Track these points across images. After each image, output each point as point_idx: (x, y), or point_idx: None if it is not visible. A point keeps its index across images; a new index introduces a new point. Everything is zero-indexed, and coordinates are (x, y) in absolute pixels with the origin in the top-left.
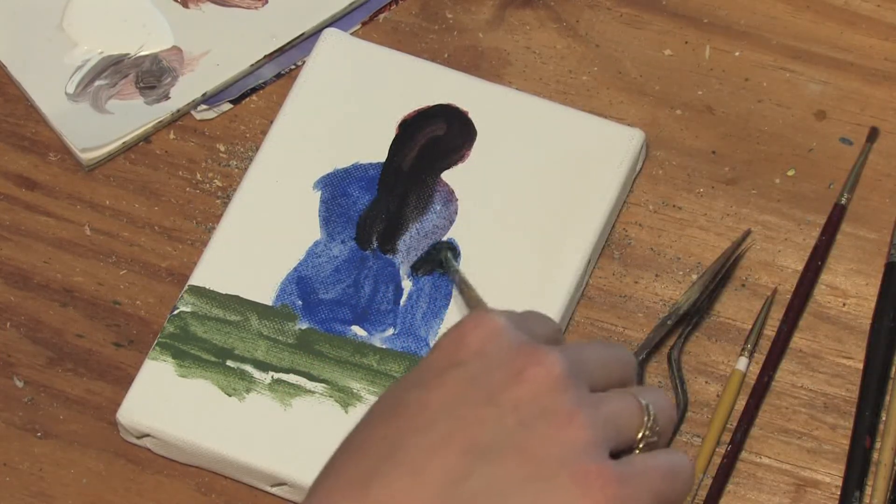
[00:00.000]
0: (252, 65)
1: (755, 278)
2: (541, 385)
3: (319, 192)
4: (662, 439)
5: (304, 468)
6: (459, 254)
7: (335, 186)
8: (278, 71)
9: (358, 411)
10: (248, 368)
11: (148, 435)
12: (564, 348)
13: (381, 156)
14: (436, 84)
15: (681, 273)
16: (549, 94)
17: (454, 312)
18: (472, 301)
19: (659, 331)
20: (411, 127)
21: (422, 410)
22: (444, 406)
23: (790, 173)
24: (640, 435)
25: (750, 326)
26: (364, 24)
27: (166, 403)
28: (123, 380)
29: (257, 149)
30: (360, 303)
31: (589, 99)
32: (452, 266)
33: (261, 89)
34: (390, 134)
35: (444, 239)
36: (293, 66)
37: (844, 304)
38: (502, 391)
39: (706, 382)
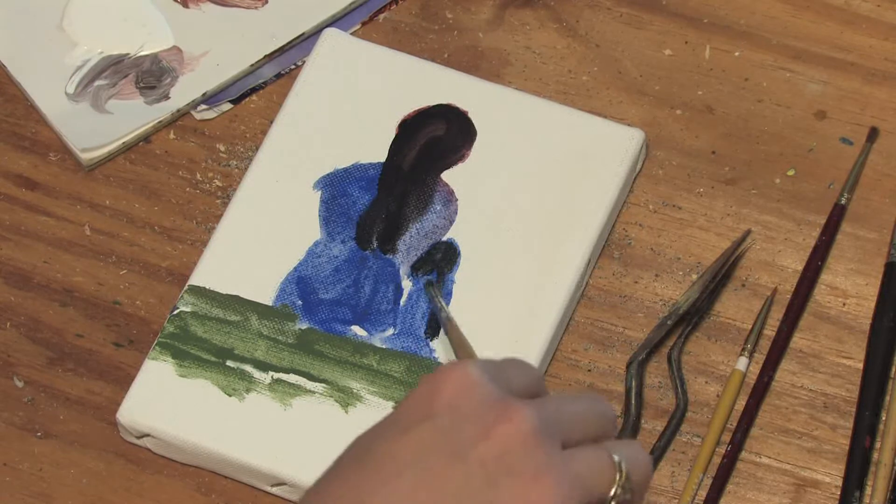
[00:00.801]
0: (252, 65)
1: (755, 278)
2: (510, 442)
3: (319, 192)
4: (637, 496)
5: (303, 468)
6: (446, 287)
7: (335, 186)
8: (278, 71)
9: (358, 411)
10: (248, 368)
11: (148, 435)
12: (539, 403)
13: (381, 156)
14: (436, 84)
15: (681, 273)
16: (549, 94)
17: (453, 315)
18: (456, 342)
19: (659, 331)
20: (411, 127)
21: (389, 462)
22: (411, 459)
23: (790, 173)
24: (612, 493)
25: (750, 326)
26: (364, 24)
27: (166, 403)
28: (123, 380)
29: (257, 149)
30: (360, 303)
31: (589, 99)
32: (438, 301)
33: (261, 89)
34: (390, 134)
35: (444, 239)
36: (293, 66)
37: (844, 304)
38: (471, 447)
39: (706, 382)
